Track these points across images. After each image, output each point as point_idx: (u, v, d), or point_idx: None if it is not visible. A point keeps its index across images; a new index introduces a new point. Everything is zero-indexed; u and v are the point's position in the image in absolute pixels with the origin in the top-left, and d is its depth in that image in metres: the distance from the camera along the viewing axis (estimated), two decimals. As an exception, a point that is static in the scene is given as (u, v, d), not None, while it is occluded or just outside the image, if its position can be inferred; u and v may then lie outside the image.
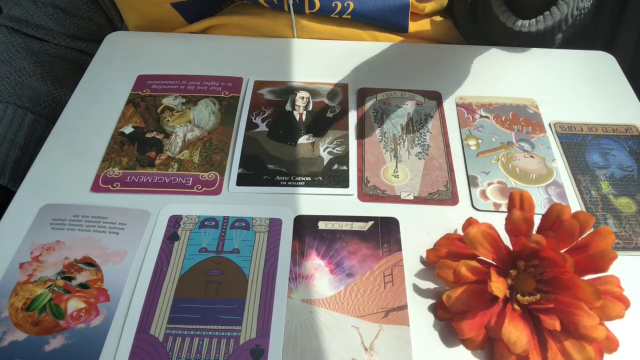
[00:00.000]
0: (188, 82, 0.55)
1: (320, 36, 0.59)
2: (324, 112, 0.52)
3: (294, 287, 0.39)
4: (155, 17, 0.60)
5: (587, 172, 0.47)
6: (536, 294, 0.35)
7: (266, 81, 0.55)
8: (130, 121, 0.51)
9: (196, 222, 0.43)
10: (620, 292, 0.35)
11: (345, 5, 0.56)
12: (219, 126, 0.50)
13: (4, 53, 0.60)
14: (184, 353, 0.35)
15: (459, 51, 0.60)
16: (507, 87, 0.55)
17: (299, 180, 0.46)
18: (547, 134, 0.50)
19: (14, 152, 0.56)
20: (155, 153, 0.48)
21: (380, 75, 0.56)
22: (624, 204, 0.45)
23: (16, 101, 0.58)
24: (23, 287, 0.38)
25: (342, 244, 0.41)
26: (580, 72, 0.57)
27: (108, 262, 0.40)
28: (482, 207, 0.44)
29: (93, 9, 0.64)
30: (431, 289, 0.39)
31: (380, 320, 0.37)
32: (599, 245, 0.35)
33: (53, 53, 0.64)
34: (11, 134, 0.56)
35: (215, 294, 0.38)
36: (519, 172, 0.47)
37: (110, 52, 0.58)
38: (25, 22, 0.62)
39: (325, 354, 0.35)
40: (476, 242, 0.36)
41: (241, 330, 0.36)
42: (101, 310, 0.37)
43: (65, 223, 0.42)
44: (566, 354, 0.33)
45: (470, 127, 0.51)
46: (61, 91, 0.62)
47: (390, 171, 0.47)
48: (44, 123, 0.60)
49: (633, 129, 0.51)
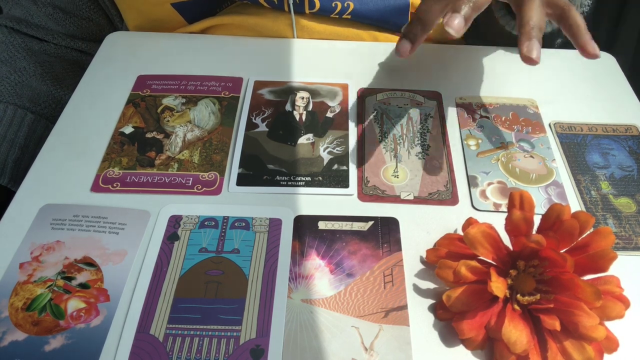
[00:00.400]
0: (188, 82, 0.55)
1: (321, 36, 0.60)
2: (324, 112, 0.52)
3: (294, 287, 0.39)
4: (156, 17, 0.60)
5: (587, 172, 0.47)
6: (536, 294, 0.35)
7: (266, 81, 0.55)
8: (130, 121, 0.51)
9: (196, 222, 0.43)
10: (620, 292, 0.35)
11: (345, 6, 0.56)
12: (219, 126, 0.50)
13: (4, 53, 0.60)
14: (184, 353, 0.35)
15: (459, 51, 0.60)
16: (507, 87, 0.55)
17: (299, 180, 0.46)
18: (547, 134, 0.50)
19: (14, 152, 0.56)
20: (155, 153, 0.48)
21: (380, 75, 0.56)
22: (624, 204, 0.45)
23: (16, 101, 0.58)
24: (23, 287, 0.38)
25: (342, 244, 0.41)
26: (580, 72, 0.57)
27: (108, 262, 0.40)
28: (482, 207, 0.44)
29: (93, 9, 0.64)
30: (431, 289, 0.39)
31: (380, 320, 0.37)
32: (599, 245, 0.35)
33: (53, 53, 0.64)
34: (11, 134, 0.56)
35: (215, 294, 0.38)
36: (519, 172, 0.47)
37: (110, 52, 0.58)
38: (25, 22, 0.62)
39: (325, 354, 0.35)
40: (476, 242, 0.36)
41: (241, 330, 0.36)
42: (101, 310, 0.37)
43: (65, 223, 0.42)
44: (566, 354, 0.33)
45: (470, 127, 0.51)
46: (61, 91, 0.62)
47: (390, 171, 0.47)
48: (44, 123, 0.60)
49: (633, 129, 0.51)
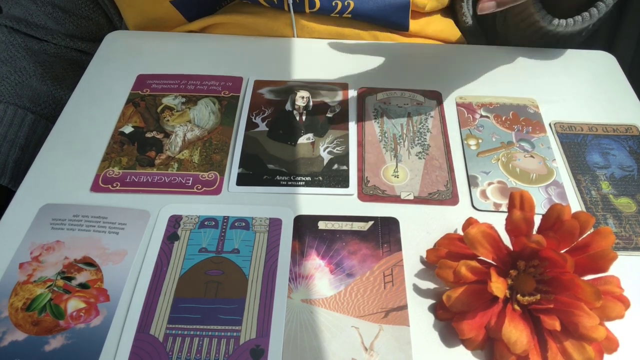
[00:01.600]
0: (188, 82, 0.55)
1: (321, 35, 0.59)
2: (324, 112, 0.52)
3: (294, 287, 0.39)
4: (155, 15, 0.60)
5: (587, 172, 0.47)
6: (536, 294, 0.35)
7: (266, 81, 0.55)
8: (130, 121, 0.50)
9: (196, 222, 0.43)
10: (620, 293, 0.35)
11: (345, 5, 0.56)
12: (219, 126, 0.50)
13: (4, 53, 0.60)
14: (184, 353, 0.35)
15: (459, 51, 0.60)
16: (507, 87, 0.55)
17: (299, 180, 0.46)
18: (547, 133, 0.50)
19: (14, 152, 0.56)
20: (155, 153, 0.48)
21: (380, 75, 0.56)
22: (624, 204, 0.45)
23: (16, 101, 0.58)
24: (23, 287, 0.38)
25: (342, 244, 0.41)
26: (580, 72, 0.57)
27: (108, 262, 0.40)
28: (482, 207, 0.44)
29: (92, 7, 0.64)
30: (431, 289, 0.39)
31: (380, 320, 0.37)
32: (599, 246, 0.35)
33: (53, 53, 0.63)
34: (11, 134, 0.56)
35: (215, 294, 0.38)
36: (519, 172, 0.47)
37: (110, 52, 0.58)
38: (25, 22, 0.62)
39: (325, 354, 0.35)
40: (476, 242, 0.36)
41: (241, 330, 0.36)
42: (101, 310, 0.37)
43: (65, 223, 0.42)
44: (566, 354, 0.33)
45: (471, 127, 0.51)
46: (61, 91, 0.62)
47: (390, 171, 0.47)
48: (44, 123, 0.60)
49: (633, 129, 0.51)
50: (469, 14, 0.64)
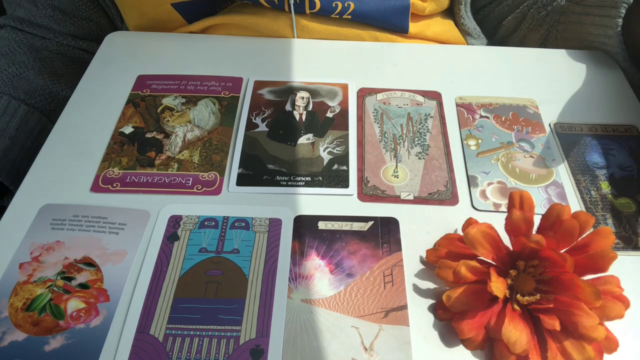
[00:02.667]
0: (188, 82, 0.55)
1: (321, 36, 0.59)
2: (324, 112, 0.52)
3: (293, 287, 0.39)
4: (156, 17, 0.60)
5: (587, 172, 0.47)
6: (536, 294, 0.35)
7: (266, 81, 0.55)
8: (130, 121, 0.51)
9: (196, 222, 0.43)
10: (620, 292, 0.35)
11: (345, 6, 0.56)
12: (219, 126, 0.50)
13: (5, 47, 0.60)
14: (183, 353, 0.35)
15: (459, 51, 0.60)
16: (507, 87, 0.55)
17: (299, 180, 0.46)
18: (547, 134, 0.50)
19: (3, 142, 0.55)
20: (155, 153, 0.48)
21: (380, 75, 0.56)
22: (624, 204, 0.45)
23: (11, 92, 0.58)
24: (23, 287, 0.38)
25: (342, 244, 0.41)
26: (580, 72, 0.57)
27: (108, 262, 0.40)
28: (482, 207, 0.44)
29: (92, 9, 0.64)
30: (431, 289, 0.39)
31: (380, 320, 0.37)
32: (599, 245, 0.35)
33: (55, 50, 0.64)
34: (2, 123, 0.56)
35: (215, 294, 0.38)
36: (519, 172, 0.47)
37: (110, 52, 0.58)
38: (28, 22, 0.62)
39: (325, 354, 0.35)
40: (476, 242, 0.36)
41: (241, 331, 0.36)
42: (101, 311, 0.37)
43: (65, 223, 0.42)
44: (566, 354, 0.33)
45: (470, 127, 0.51)
46: (58, 86, 0.62)
47: (390, 171, 0.47)
48: (37, 115, 0.59)
49: (633, 129, 0.51)
50: (467, 17, 0.64)
